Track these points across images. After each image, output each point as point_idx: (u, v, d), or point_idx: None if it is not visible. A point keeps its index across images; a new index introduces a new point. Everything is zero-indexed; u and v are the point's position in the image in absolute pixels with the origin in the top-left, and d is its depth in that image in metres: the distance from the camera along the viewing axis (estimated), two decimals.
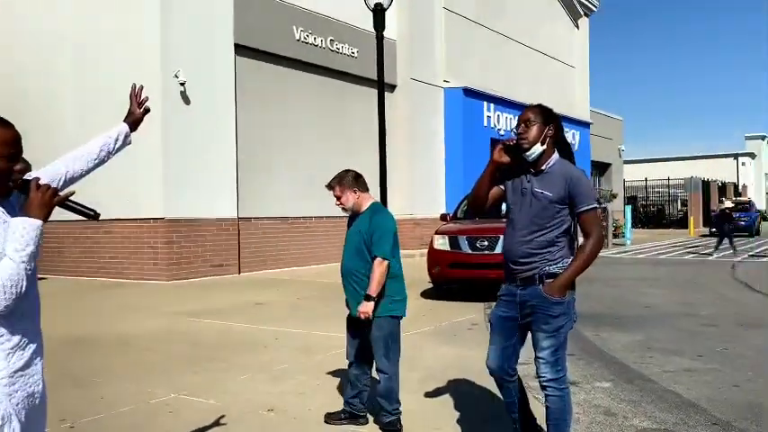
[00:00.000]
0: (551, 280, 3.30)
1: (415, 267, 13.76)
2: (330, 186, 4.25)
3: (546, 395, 3.39)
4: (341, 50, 16.10)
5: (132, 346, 6.90)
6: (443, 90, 19.24)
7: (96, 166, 2.61)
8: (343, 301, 4.40)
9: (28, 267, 2.05)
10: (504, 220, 3.63)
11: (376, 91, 10.56)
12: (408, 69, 17.93)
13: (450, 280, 10.01)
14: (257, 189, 13.87)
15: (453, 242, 9.84)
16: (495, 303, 3.67)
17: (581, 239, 3.47)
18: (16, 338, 2.13)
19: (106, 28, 12.69)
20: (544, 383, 3.37)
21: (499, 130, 20.95)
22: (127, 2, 12.52)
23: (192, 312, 8.87)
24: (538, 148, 3.33)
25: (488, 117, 20.63)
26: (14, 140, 2.12)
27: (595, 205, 3.36)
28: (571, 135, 25.62)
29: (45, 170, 2.44)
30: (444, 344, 6.91)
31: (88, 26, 12.91)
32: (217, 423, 4.42)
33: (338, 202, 4.23)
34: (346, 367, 4.48)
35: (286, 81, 14.82)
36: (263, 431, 4.34)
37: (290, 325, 7.93)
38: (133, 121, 2.77)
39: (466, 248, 9.70)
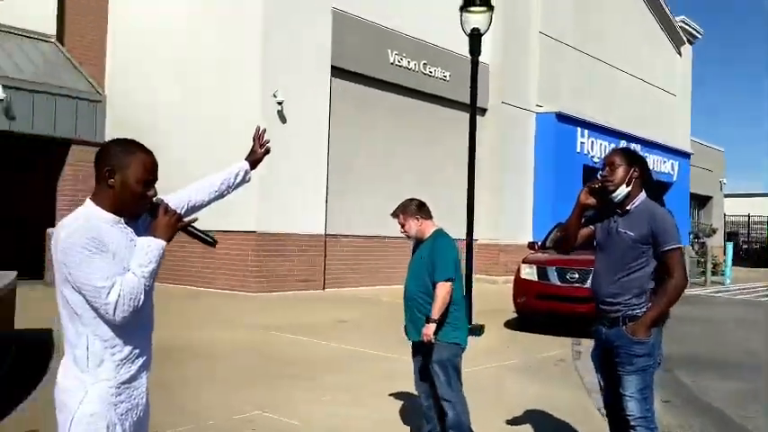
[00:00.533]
0: (635, 321, 3.36)
1: (498, 295, 13.49)
2: (395, 215, 4.37)
3: None
4: (433, 74, 16.15)
5: (218, 358, 7.06)
6: (535, 115, 18.92)
7: (216, 198, 2.79)
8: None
9: (147, 284, 2.20)
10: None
11: (466, 114, 10.47)
12: (500, 93, 17.76)
13: (537, 311, 9.73)
14: (345, 207, 14.03)
15: (541, 272, 9.58)
16: (580, 339, 3.83)
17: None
18: (127, 350, 2.25)
19: (210, 48, 13.24)
20: (633, 422, 3.36)
21: (593, 156, 20.35)
22: (230, 28, 13.03)
23: (278, 326, 9.01)
24: (623, 190, 3.44)
25: (582, 143, 20.10)
26: (153, 167, 2.31)
27: (679, 245, 3.38)
28: (670, 165, 24.60)
29: (171, 197, 2.60)
30: (529, 380, 6.69)
31: (194, 53, 13.50)
32: None
33: (402, 230, 4.35)
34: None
35: (378, 102, 14.99)
36: None
37: (373, 346, 7.91)
38: (254, 160, 2.95)
39: (555, 280, 9.41)
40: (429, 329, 4.05)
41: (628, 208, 3.45)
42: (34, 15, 13.01)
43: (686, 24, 26.70)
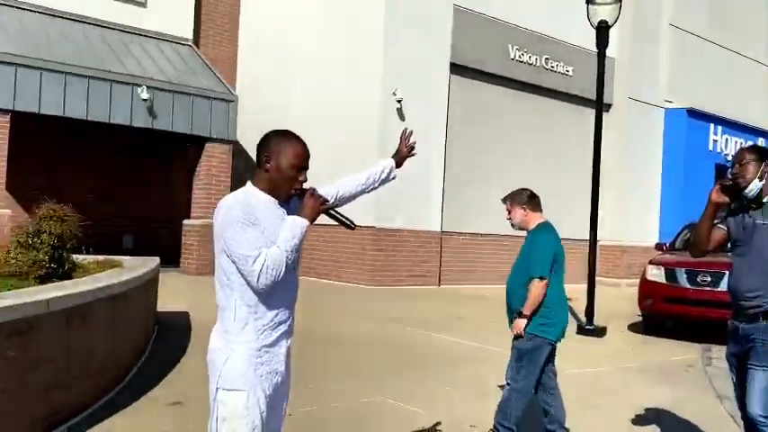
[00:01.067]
0: None
1: (620, 298, 13.00)
2: (504, 200, 4.51)
3: None
4: (555, 69, 15.77)
5: (342, 345, 7.30)
6: (664, 110, 18.00)
7: (362, 192, 3.02)
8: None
9: (290, 257, 2.42)
10: (730, 254, 3.65)
11: (589, 110, 10.21)
12: (626, 88, 17.04)
13: (664, 315, 9.30)
14: (463, 204, 14.01)
15: (670, 274, 9.14)
16: (711, 345, 3.75)
17: None
18: (269, 317, 2.47)
19: (332, 47, 13.65)
20: (756, 420, 3.28)
21: (727, 155, 19.09)
22: (354, 25, 13.37)
23: (397, 319, 9.17)
24: (756, 185, 3.40)
25: (715, 141, 18.92)
26: (306, 156, 2.56)
27: None
28: None
29: (321, 187, 2.81)
30: (656, 384, 6.43)
31: (321, 53, 13.95)
32: None
33: (508, 216, 4.44)
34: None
35: (498, 99, 14.83)
36: None
37: (490, 342, 7.89)
38: (399, 159, 3.16)
39: (684, 282, 8.94)
40: (518, 324, 4.07)
41: (764, 201, 3.41)
42: (173, 21, 13.97)
43: None
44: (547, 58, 15.59)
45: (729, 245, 3.59)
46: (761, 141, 19.06)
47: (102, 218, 13.07)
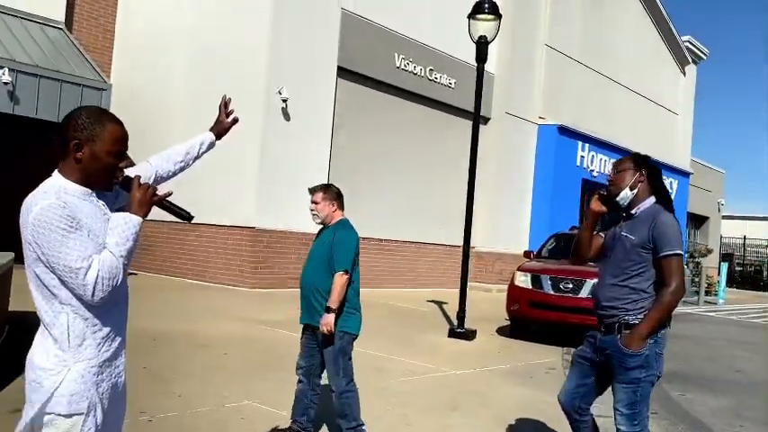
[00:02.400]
0: (629, 331, 3.26)
1: (491, 302, 13.54)
2: (313, 191, 4.41)
3: None
4: (438, 80, 16.21)
5: (210, 348, 7.09)
6: (538, 126, 19.00)
7: (181, 169, 2.66)
8: (419, 323, 4.37)
9: (125, 262, 2.13)
10: (591, 263, 3.77)
11: (469, 122, 10.57)
12: (504, 103, 17.83)
13: (529, 320, 9.77)
14: (346, 207, 14.05)
15: (535, 281, 9.62)
16: (571, 349, 3.79)
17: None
18: (107, 329, 2.19)
19: (218, 41, 13.30)
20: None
21: (592, 171, 20.44)
22: (239, 21, 13.09)
23: (269, 321, 9.03)
24: (627, 194, 3.39)
25: (582, 157, 20.18)
26: (123, 138, 2.20)
27: (678, 252, 3.26)
28: (669, 184, 24.67)
29: (137, 168, 2.50)
30: (519, 385, 6.73)
31: (203, 45, 13.55)
32: None
33: (314, 208, 4.36)
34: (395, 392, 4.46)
35: (383, 106, 15.04)
36: None
37: (362, 345, 7.92)
38: (219, 130, 2.81)
39: (548, 289, 9.45)
40: (328, 319, 4.10)
41: (633, 212, 3.41)
42: (43, 1, 13.06)
43: (692, 44, 26.84)
44: (431, 69, 16.00)
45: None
46: None
47: None
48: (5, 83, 11.09)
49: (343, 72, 13.94)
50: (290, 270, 13.03)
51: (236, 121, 2.85)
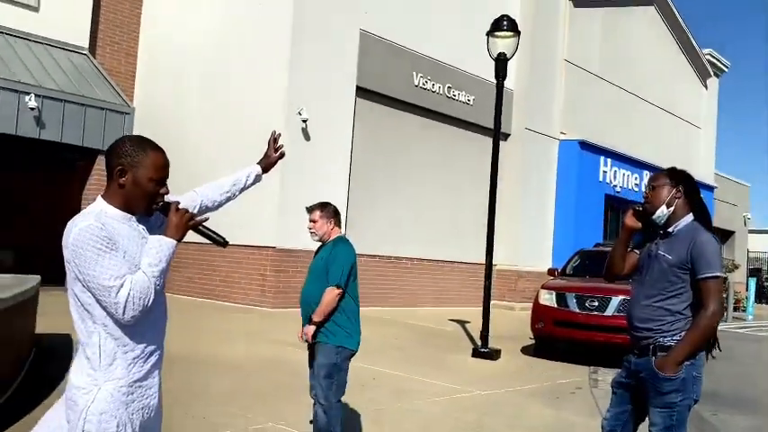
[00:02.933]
0: (664, 354, 3.14)
1: (514, 320, 13.41)
2: (312, 209, 4.44)
3: None
4: (457, 97, 16.23)
5: (237, 370, 7.07)
6: (558, 142, 18.90)
7: (227, 200, 2.79)
8: (442, 343, 4.32)
9: (158, 283, 2.19)
10: (617, 280, 3.60)
11: (488, 139, 10.54)
12: (524, 119, 17.78)
13: (555, 338, 9.64)
14: (365, 227, 14.05)
15: (560, 299, 9.50)
16: (598, 368, 3.64)
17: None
18: (139, 350, 2.24)
19: (237, 64, 13.44)
20: None
21: (615, 186, 20.25)
22: (259, 43, 13.23)
23: (295, 343, 8.99)
24: (663, 211, 3.25)
25: (604, 172, 20.01)
26: (165, 165, 2.32)
27: (718, 274, 3.13)
28: None
29: (183, 196, 2.61)
30: (546, 405, 6.62)
31: (223, 68, 13.69)
32: None
33: (311, 227, 4.42)
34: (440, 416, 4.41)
35: (402, 124, 15.07)
36: None
37: (386, 365, 7.88)
38: (267, 164, 2.94)
39: (574, 307, 9.32)
40: (308, 329, 4.21)
41: (670, 230, 3.26)
42: (68, 28, 13.31)
43: (713, 57, 26.61)
44: (449, 87, 16.02)
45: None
46: (646, 174, 20.30)
47: None
48: (32, 108, 11.29)
49: (361, 91, 14.00)
50: None
51: (282, 155, 2.99)
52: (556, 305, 9.48)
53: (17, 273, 7.65)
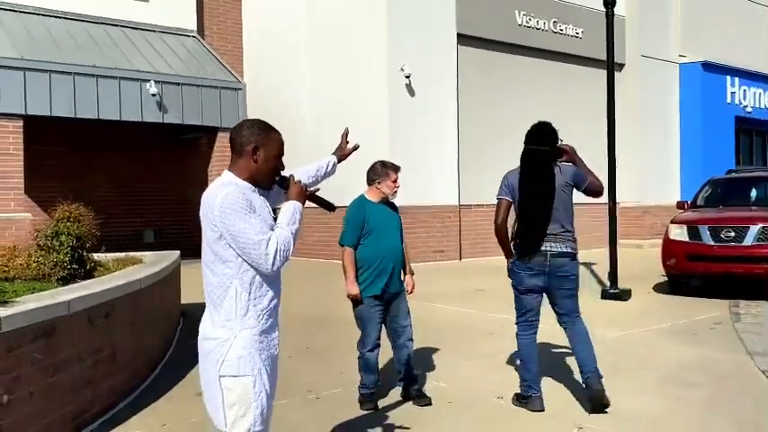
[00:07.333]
0: None
1: (644, 258, 12.88)
2: (398, 170, 4.94)
3: None
4: (564, 31, 15.50)
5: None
6: (679, 66, 17.65)
7: (313, 183, 3.10)
8: None
9: (295, 238, 2.52)
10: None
11: (603, 71, 10.02)
12: (638, 46, 16.72)
13: (689, 274, 9.19)
14: (477, 176, 13.89)
15: (693, 232, 9.00)
16: (739, 301, 3.42)
17: None
18: (266, 302, 2.53)
19: (336, 28, 13.53)
20: None
21: (746, 107, 18.73)
22: (355, 4, 13.22)
23: (420, 296, 9.15)
24: None
25: (732, 93, 18.54)
26: (283, 145, 2.68)
27: None
28: None
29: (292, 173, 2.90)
30: (683, 343, 6.37)
31: (322, 36, 13.84)
32: (449, 406, 4.52)
33: (396, 186, 4.90)
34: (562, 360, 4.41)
35: (508, 67, 14.64)
36: (493, 417, 4.35)
37: (512, 313, 7.84)
38: (341, 156, 3.29)
39: (708, 239, 8.80)
40: (412, 280, 4.82)
41: None
42: (176, 13, 13.93)
43: None
44: (555, 21, 15.34)
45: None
46: None
47: (121, 215, 13.20)
48: (153, 94, 11.98)
49: (463, 38, 13.70)
50: (429, 243, 13.15)
51: (356, 147, 3.32)
52: (688, 239, 9.00)
53: (157, 250, 8.25)
